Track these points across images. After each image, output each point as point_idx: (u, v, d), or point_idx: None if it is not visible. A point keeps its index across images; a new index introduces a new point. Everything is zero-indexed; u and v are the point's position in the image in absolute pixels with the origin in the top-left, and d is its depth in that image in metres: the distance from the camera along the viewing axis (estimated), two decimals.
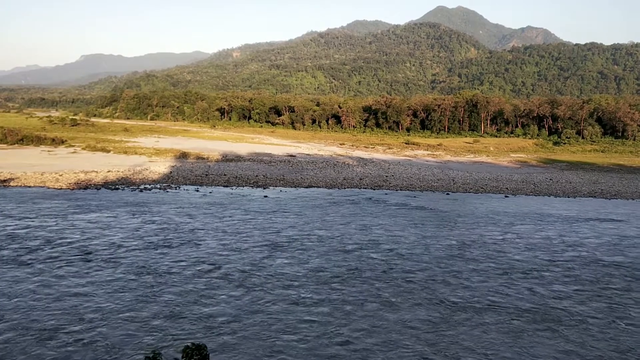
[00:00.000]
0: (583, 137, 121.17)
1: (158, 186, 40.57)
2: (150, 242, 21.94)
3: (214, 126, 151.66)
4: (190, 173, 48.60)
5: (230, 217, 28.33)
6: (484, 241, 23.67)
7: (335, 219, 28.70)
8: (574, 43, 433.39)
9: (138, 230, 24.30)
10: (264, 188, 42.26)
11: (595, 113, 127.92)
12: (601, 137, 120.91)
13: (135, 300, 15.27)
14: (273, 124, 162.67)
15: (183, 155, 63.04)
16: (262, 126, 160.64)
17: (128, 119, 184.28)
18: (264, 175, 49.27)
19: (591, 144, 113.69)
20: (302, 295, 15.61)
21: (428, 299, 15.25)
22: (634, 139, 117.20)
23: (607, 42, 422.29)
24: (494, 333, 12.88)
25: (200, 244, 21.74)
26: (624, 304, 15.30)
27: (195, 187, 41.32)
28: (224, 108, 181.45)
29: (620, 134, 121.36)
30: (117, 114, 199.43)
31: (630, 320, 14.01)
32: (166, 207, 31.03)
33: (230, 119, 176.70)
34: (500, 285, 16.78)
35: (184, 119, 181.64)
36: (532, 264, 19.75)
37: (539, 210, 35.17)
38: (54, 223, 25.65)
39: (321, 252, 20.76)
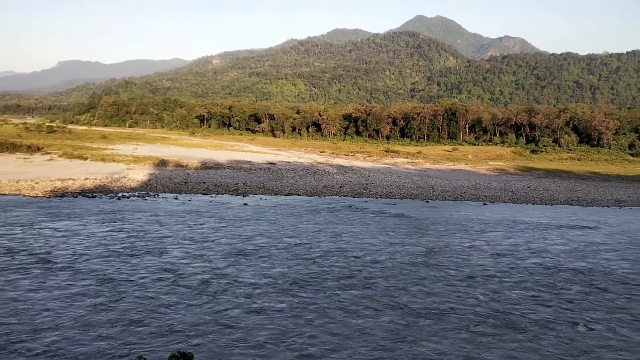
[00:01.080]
0: (560, 146, 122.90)
1: (136, 194, 40.05)
2: (114, 251, 21.48)
3: (193, 133, 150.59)
4: (169, 181, 48.10)
5: (202, 225, 27.94)
6: (452, 248, 23.78)
7: (308, 226, 28.52)
8: (550, 53, 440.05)
9: (105, 239, 23.79)
10: (244, 196, 41.97)
11: (572, 122, 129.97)
12: (577, 146, 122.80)
13: (92, 309, 14.88)
14: (253, 132, 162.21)
15: (162, 163, 62.44)
16: (241, 134, 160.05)
17: (106, 126, 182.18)
18: (243, 183, 48.96)
19: (568, 152, 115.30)
20: (263, 303, 15.41)
21: (389, 306, 15.24)
22: (609, 147, 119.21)
23: (583, 52, 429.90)
24: (452, 339, 12.95)
25: (165, 253, 21.32)
26: (581, 309, 15.52)
27: (174, 195, 40.88)
28: (204, 115, 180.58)
29: (595, 142, 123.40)
30: (94, 121, 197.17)
31: (585, 324, 14.26)
32: (140, 215, 30.54)
33: (209, 127, 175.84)
34: (461, 291, 16.89)
35: (162, 126, 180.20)
36: (494, 270, 19.91)
37: (514, 218, 35.43)
38: (20, 231, 25.02)
39: (287, 259, 20.55)
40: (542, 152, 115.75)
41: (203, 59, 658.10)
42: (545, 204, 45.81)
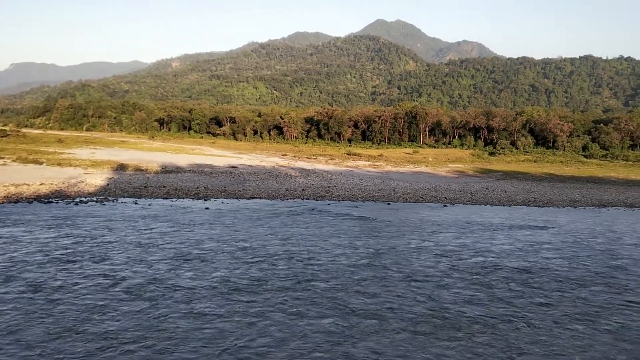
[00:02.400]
0: (517, 148, 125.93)
1: (94, 199, 39.11)
2: (55, 257, 20.68)
3: (153, 137, 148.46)
4: (128, 185, 47.17)
5: (152, 230, 27.14)
6: (400, 249, 23.91)
7: (261, 230, 28.21)
8: (507, 57, 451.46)
9: (47, 245, 22.83)
10: (205, 200, 41.50)
11: (528, 124, 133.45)
12: (534, 148, 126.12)
13: (23, 318, 14.31)
14: (214, 135, 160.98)
15: (121, 167, 61.25)
16: (202, 137, 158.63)
17: (62, 129, 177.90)
18: (205, 187, 48.44)
19: (524, 154, 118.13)
20: (202, 307, 15.09)
21: (331, 307, 15.22)
22: (564, 149, 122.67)
23: (538, 56, 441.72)
24: (391, 339, 13.06)
25: (107, 258, 20.59)
26: (514, 306, 15.91)
27: (134, 199, 40.09)
28: (163, 119, 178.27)
29: (551, 145, 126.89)
30: (50, 125, 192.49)
31: (517, 321, 14.67)
32: (92, 220, 29.69)
33: (169, 130, 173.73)
34: (401, 291, 16.99)
35: (121, 130, 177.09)
36: (435, 270, 20.15)
37: (469, 219, 35.92)
38: None
39: (231, 263, 20.14)
40: (500, 154, 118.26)
41: (162, 61, 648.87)
42: (503, 205, 46.73)
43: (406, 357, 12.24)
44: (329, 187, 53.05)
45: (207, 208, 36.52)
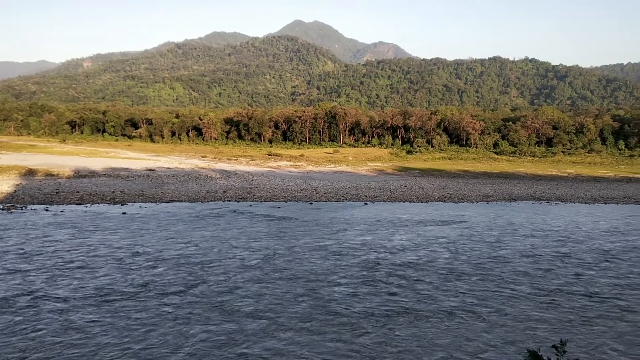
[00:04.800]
0: (432, 146, 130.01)
1: (0, 207, 36.66)
2: None
3: (65, 140, 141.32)
4: (38, 191, 44.55)
5: (48, 237, 25.16)
6: (298, 249, 23.87)
7: (165, 233, 27.11)
8: (422, 58, 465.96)
9: None
10: (122, 204, 39.87)
11: (442, 123, 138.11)
12: (448, 146, 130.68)
13: None
14: (130, 137, 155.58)
15: (30, 172, 57.80)
16: (117, 139, 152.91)
17: None
18: (121, 191, 46.58)
19: (440, 152, 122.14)
20: (79, 318, 14.19)
21: (219, 311, 14.94)
22: (476, 147, 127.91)
23: (450, 57, 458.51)
24: (277, 338, 13.08)
25: None
26: (397, 300, 16.36)
27: (45, 206, 37.88)
28: (75, 121, 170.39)
29: (464, 142, 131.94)
30: None
31: (400, 315, 15.00)
32: None
33: (82, 133, 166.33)
34: (289, 290, 17.04)
35: (29, 133, 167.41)
36: (325, 268, 20.28)
37: (381, 216, 36.47)
38: None
39: (120, 270, 19.25)
40: (416, 152, 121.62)
41: (73, 61, 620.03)
42: (421, 202, 47.94)
43: (294, 354, 12.21)
44: (250, 188, 52.49)
45: (124, 213, 35.08)
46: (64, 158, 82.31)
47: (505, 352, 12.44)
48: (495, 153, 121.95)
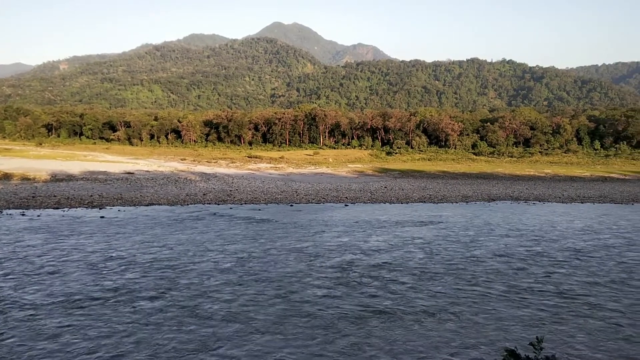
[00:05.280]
0: (412, 147, 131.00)
1: None
2: None
3: (41, 144, 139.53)
4: (14, 196, 44.02)
5: (19, 242, 25.00)
6: (274, 252, 23.84)
7: (140, 237, 26.97)
8: (400, 60, 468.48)
9: None
10: (100, 208, 39.59)
11: (422, 124, 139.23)
12: (427, 147, 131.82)
13: None
14: (108, 140, 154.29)
15: (5, 177, 57.06)
16: (95, 143, 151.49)
17: None
18: (99, 195, 46.24)
19: (419, 153, 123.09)
20: (51, 323, 14.05)
21: (191, 315, 14.89)
22: (455, 148, 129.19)
23: (429, 59, 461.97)
24: (251, 341, 13.17)
25: None
26: (369, 302, 16.51)
27: (21, 210, 37.47)
28: (52, 124, 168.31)
29: (443, 143, 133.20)
30: None
31: (372, 317, 15.21)
32: None
33: (59, 136, 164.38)
34: (262, 293, 17.11)
35: (4, 137, 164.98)
36: (300, 270, 20.34)
37: (360, 218, 36.62)
38: None
39: (90, 275, 19.08)
40: (396, 153, 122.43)
41: (49, 63, 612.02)
42: (401, 203, 48.30)
43: (268, 357, 12.30)
44: (230, 190, 52.44)
45: (102, 217, 34.87)
46: (41, 162, 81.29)
47: (478, 352, 12.67)
48: (474, 154, 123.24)
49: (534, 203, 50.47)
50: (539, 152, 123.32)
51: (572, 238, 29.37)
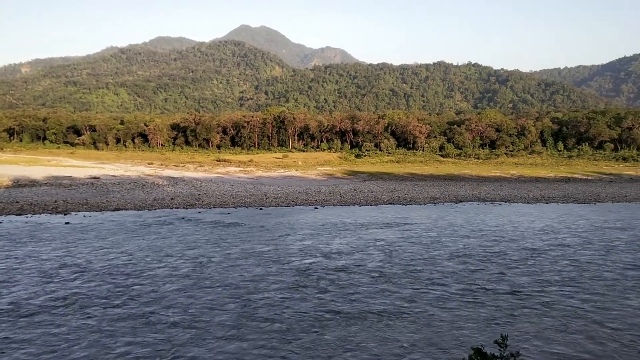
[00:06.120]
0: (381, 149, 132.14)
1: None
2: None
3: (2, 149, 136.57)
4: None
5: None
6: (233, 256, 23.87)
7: (100, 243, 26.56)
8: (368, 63, 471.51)
9: None
10: (65, 214, 39.13)
11: (390, 127, 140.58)
12: (396, 149, 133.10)
13: None
14: (72, 145, 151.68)
15: None
16: (59, 147, 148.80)
17: None
18: (64, 200, 45.66)
19: (388, 155, 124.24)
20: None
21: (146, 323, 14.80)
22: (423, 150, 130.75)
23: (396, 62, 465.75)
24: (208, 347, 13.23)
25: None
26: (325, 305, 16.73)
27: None
28: (14, 128, 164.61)
29: (411, 146, 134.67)
30: None
31: (328, 320, 15.39)
32: None
33: (21, 141, 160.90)
34: (217, 299, 17.12)
35: None
36: (256, 274, 20.45)
37: (326, 220, 36.76)
38: None
39: (40, 282, 18.84)
40: (365, 156, 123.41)
41: (10, 66, 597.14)
42: (370, 205, 48.85)
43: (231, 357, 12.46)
44: (199, 194, 52.32)
45: (67, 223, 34.49)
46: (2, 167, 79.69)
47: (431, 352, 12.99)
48: (442, 156, 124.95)
49: (500, 204, 51.56)
50: (505, 153, 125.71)
51: (530, 238, 30.18)
